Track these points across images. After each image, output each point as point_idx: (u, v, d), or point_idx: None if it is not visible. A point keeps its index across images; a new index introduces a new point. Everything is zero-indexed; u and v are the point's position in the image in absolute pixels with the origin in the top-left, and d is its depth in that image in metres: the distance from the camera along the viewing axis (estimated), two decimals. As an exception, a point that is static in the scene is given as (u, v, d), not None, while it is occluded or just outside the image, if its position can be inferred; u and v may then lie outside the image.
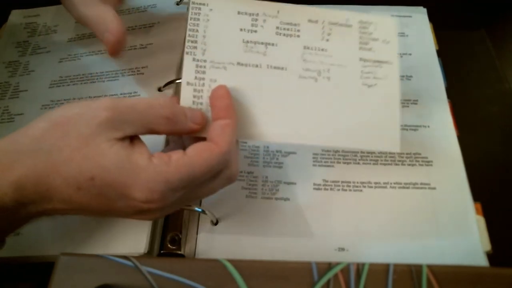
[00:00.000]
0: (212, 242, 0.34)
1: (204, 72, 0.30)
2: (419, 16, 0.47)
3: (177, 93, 0.40)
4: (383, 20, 0.32)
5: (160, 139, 0.36)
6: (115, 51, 0.35)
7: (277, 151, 0.38)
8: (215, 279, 0.25)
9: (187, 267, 0.25)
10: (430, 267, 0.25)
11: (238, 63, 0.30)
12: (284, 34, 0.31)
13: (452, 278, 0.24)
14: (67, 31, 0.48)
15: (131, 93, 0.41)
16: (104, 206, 0.25)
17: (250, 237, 0.34)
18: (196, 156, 0.26)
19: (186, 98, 0.29)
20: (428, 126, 0.39)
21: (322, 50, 0.31)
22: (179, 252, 0.33)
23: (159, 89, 0.40)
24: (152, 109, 0.26)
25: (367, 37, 0.32)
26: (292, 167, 0.37)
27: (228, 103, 0.28)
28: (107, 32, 0.34)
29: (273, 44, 0.31)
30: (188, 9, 0.45)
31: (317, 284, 0.24)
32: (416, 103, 0.41)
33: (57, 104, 0.41)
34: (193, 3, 0.31)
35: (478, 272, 0.25)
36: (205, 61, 0.30)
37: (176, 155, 0.26)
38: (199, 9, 0.31)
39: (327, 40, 0.31)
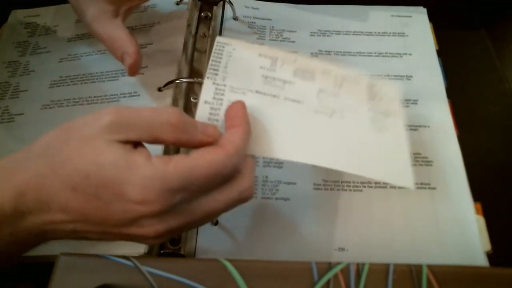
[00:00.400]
0: (212, 242, 0.34)
1: (223, 94, 0.30)
2: (419, 16, 0.47)
3: (177, 93, 0.41)
4: (387, 85, 0.33)
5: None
6: (134, 72, 0.37)
7: (277, 151, 0.38)
8: (215, 279, 0.25)
9: (187, 267, 0.25)
10: (430, 267, 0.25)
11: (257, 91, 0.31)
12: (301, 77, 0.32)
13: (452, 278, 0.24)
14: (67, 31, 0.48)
15: (131, 93, 0.41)
16: (100, 212, 0.24)
17: (250, 237, 0.34)
18: (198, 157, 0.24)
19: (202, 115, 0.29)
20: (428, 126, 0.39)
21: (335, 96, 0.32)
22: (179, 252, 0.33)
23: (159, 89, 0.40)
24: (158, 115, 0.25)
25: (374, 94, 0.32)
26: (292, 167, 0.37)
27: (242, 114, 0.28)
28: (126, 55, 0.36)
29: (290, 82, 0.32)
30: (187, 8, 0.46)
31: (317, 284, 0.24)
32: (416, 103, 0.41)
33: (57, 104, 0.41)
34: (218, 42, 0.33)
35: (478, 272, 0.25)
36: (224, 85, 0.31)
37: (178, 157, 0.24)
38: (223, 47, 0.32)
39: (340, 88, 0.32)
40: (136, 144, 0.25)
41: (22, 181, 0.24)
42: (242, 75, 0.32)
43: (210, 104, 0.30)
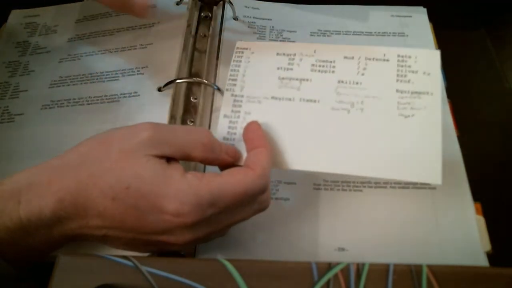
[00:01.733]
0: (212, 242, 0.34)
1: (240, 106, 0.32)
2: (419, 16, 0.47)
3: (177, 93, 0.41)
4: (425, 52, 0.32)
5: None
6: (143, 13, 0.38)
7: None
8: (215, 279, 0.25)
9: (187, 267, 0.25)
10: (430, 267, 0.25)
11: (272, 97, 0.32)
12: (319, 71, 0.32)
13: (452, 278, 0.24)
14: (67, 31, 0.48)
15: (131, 93, 0.41)
16: (136, 221, 0.25)
17: (250, 237, 0.34)
18: (229, 176, 0.27)
19: (222, 129, 0.32)
20: (428, 126, 0.39)
21: (357, 83, 0.31)
22: (179, 252, 0.33)
23: (159, 89, 0.40)
24: (191, 134, 0.28)
25: (405, 70, 0.31)
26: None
27: (261, 134, 0.30)
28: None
29: (307, 80, 0.32)
30: (187, 8, 0.46)
31: (317, 284, 0.24)
32: (416, 103, 0.41)
33: (57, 104, 0.41)
34: (238, 48, 0.34)
35: (478, 272, 0.25)
36: (242, 96, 0.32)
37: (210, 174, 0.27)
38: (242, 52, 0.34)
39: (363, 74, 0.32)
40: (169, 159, 0.27)
41: (62, 188, 0.25)
42: (259, 81, 0.33)
43: (229, 118, 0.32)
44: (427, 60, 0.31)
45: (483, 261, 0.32)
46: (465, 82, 0.44)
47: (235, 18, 0.47)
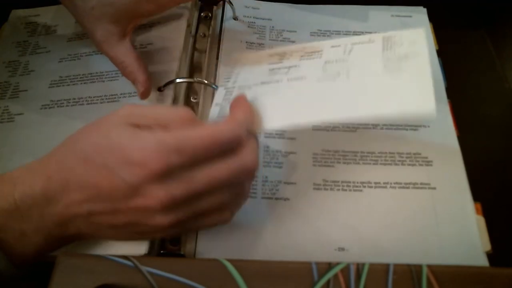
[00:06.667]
0: (212, 242, 0.34)
1: (231, 94, 0.33)
2: (419, 16, 0.47)
3: (176, 93, 0.41)
4: (409, 32, 0.32)
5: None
6: (145, 97, 0.38)
7: (277, 151, 0.38)
8: (215, 279, 0.25)
9: (187, 267, 0.25)
10: (430, 267, 0.25)
11: (262, 82, 0.33)
12: (307, 58, 0.33)
13: (452, 278, 0.24)
14: (67, 31, 0.48)
15: (131, 93, 0.41)
16: (109, 183, 0.25)
17: (250, 237, 0.34)
18: (198, 127, 0.26)
19: (212, 115, 0.33)
20: (428, 126, 0.39)
21: (343, 60, 0.32)
22: (179, 252, 0.33)
23: (159, 89, 0.40)
24: (170, 109, 0.28)
25: (391, 43, 0.31)
26: (292, 167, 0.37)
27: (243, 98, 0.30)
28: (137, 82, 0.38)
29: (295, 66, 0.33)
30: (187, 8, 0.46)
31: (317, 284, 0.24)
32: (416, 103, 0.41)
33: (57, 104, 0.41)
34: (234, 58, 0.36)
35: (478, 272, 0.25)
36: (234, 87, 0.34)
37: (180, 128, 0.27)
38: (236, 63, 0.36)
39: (349, 54, 0.32)
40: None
41: (50, 165, 0.27)
42: (250, 77, 0.33)
43: (220, 105, 0.33)
44: (413, 38, 0.31)
45: (483, 261, 0.32)
46: (465, 82, 0.44)
47: (235, 18, 0.47)
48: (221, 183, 0.27)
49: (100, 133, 0.27)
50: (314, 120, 0.30)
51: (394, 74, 0.29)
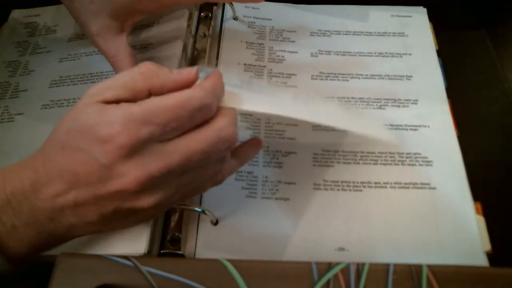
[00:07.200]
0: (212, 242, 0.34)
1: None
2: (419, 16, 0.47)
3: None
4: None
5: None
6: None
7: (277, 151, 0.38)
8: (215, 279, 0.25)
9: (187, 267, 0.25)
10: (430, 267, 0.25)
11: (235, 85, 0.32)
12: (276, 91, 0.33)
13: (452, 278, 0.24)
14: (67, 31, 0.48)
15: (131, 93, 0.41)
16: (87, 167, 0.25)
17: (250, 237, 0.34)
18: (165, 96, 0.25)
19: None
20: (428, 126, 0.39)
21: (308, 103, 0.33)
22: (179, 252, 0.33)
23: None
24: (130, 70, 0.26)
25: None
26: (292, 167, 0.37)
27: (215, 72, 0.28)
28: None
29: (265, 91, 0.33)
30: (187, 8, 0.46)
31: (317, 284, 0.24)
32: (416, 103, 0.41)
33: (57, 104, 0.41)
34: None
35: (478, 272, 0.25)
36: None
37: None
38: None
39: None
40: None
41: (36, 159, 0.27)
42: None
43: None
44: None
45: (483, 261, 0.32)
46: (465, 82, 0.44)
47: (235, 18, 0.47)
48: (199, 155, 0.26)
49: (70, 118, 0.26)
50: (288, 114, 0.30)
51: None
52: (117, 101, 0.25)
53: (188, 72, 0.27)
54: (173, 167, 0.25)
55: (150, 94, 0.26)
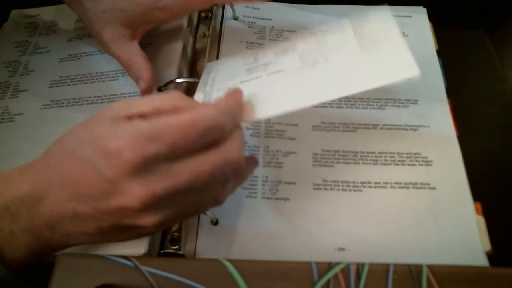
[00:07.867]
0: (212, 242, 0.34)
1: (211, 95, 0.34)
2: (419, 16, 0.47)
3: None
4: (374, 11, 0.34)
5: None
6: (147, 94, 0.38)
7: (277, 151, 0.38)
8: (215, 279, 0.25)
9: (187, 267, 0.25)
10: (430, 267, 0.25)
11: (241, 81, 0.33)
12: (282, 54, 0.34)
13: (452, 278, 0.24)
14: (67, 31, 0.48)
15: (131, 93, 0.41)
16: (89, 178, 0.24)
17: (250, 237, 0.34)
18: (177, 114, 0.25)
19: None
20: (428, 126, 0.39)
21: (318, 49, 0.33)
22: (179, 252, 0.33)
23: (159, 89, 0.40)
24: (159, 94, 0.27)
25: (360, 24, 0.34)
26: (292, 167, 0.37)
27: (236, 90, 0.29)
28: (140, 79, 0.38)
29: (272, 62, 0.34)
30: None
31: (317, 284, 0.24)
32: (416, 103, 0.41)
33: (57, 104, 0.41)
34: (206, 66, 0.38)
35: (478, 272, 0.25)
36: (212, 90, 0.34)
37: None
38: (211, 66, 0.37)
39: (323, 43, 0.34)
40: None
41: (38, 165, 0.27)
42: (227, 78, 0.34)
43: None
44: (379, 15, 0.34)
45: (483, 261, 0.32)
46: (465, 82, 0.44)
47: (235, 18, 0.47)
48: (205, 177, 0.25)
49: (84, 128, 0.26)
50: (304, 105, 0.30)
51: (371, 50, 0.31)
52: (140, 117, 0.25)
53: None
54: (178, 188, 0.24)
55: None
